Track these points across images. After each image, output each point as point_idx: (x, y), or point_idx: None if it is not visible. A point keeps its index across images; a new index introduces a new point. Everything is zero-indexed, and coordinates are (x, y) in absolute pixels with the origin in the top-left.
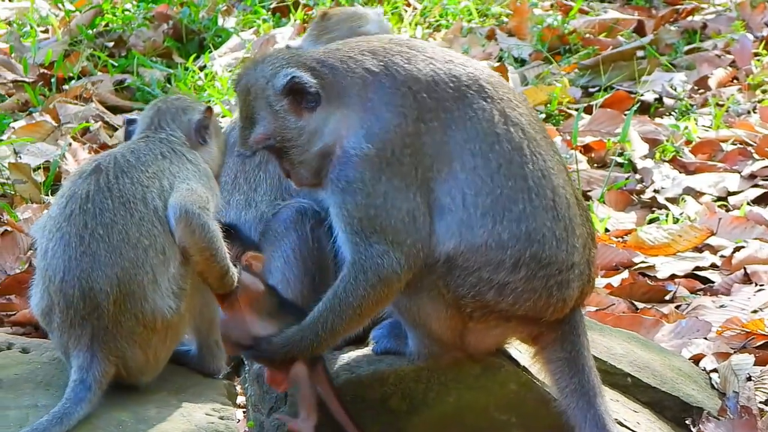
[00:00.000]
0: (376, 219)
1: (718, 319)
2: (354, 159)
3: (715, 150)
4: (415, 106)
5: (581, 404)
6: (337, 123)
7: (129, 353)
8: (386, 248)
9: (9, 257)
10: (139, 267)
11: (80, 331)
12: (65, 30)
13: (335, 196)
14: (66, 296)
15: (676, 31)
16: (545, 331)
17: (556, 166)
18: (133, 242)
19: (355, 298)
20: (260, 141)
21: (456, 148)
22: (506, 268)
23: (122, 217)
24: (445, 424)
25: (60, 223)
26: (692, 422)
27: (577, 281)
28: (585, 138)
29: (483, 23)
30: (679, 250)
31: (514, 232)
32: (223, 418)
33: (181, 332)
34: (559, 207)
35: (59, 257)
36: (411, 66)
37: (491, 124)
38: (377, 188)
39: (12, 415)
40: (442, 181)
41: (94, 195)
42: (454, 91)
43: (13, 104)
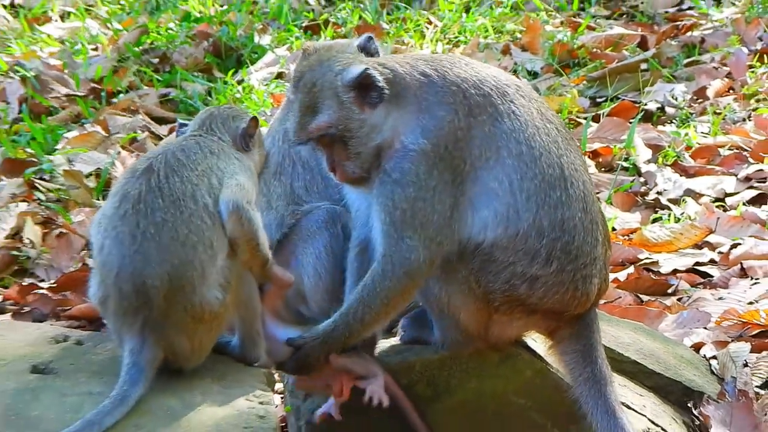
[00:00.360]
0: (420, 212)
1: (716, 310)
2: (411, 153)
3: (713, 155)
4: (465, 103)
5: (593, 392)
6: (395, 120)
7: (176, 341)
8: (416, 245)
9: (64, 257)
10: (188, 263)
11: (132, 319)
12: (114, 48)
13: (383, 187)
14: (120, 290)
15: (677, 46)
16: (563, 326)
17: (582, 165)
18: (182, 240)
19: (382, 289)
20: (322, 128)
21: (503, 138)
22: (540, 260)
23: (172, 216)
24: (467, 408)
25: (114, 222)
26: (694, 405)
27: (597, 277)
28: (593, 144)
29: (498, 39)
30: (681, 247)
31: (551, 219)
32: (263, 403)
33: (225, 322)
34: (587, 200)
35: (114, 255)
36: (458, 69)
37: (531, 117)
38: (428, 182)
39: (68, 402)
40: (490, 168)
41: (146, 195)
42: (497, 89)
43: (66, 116)
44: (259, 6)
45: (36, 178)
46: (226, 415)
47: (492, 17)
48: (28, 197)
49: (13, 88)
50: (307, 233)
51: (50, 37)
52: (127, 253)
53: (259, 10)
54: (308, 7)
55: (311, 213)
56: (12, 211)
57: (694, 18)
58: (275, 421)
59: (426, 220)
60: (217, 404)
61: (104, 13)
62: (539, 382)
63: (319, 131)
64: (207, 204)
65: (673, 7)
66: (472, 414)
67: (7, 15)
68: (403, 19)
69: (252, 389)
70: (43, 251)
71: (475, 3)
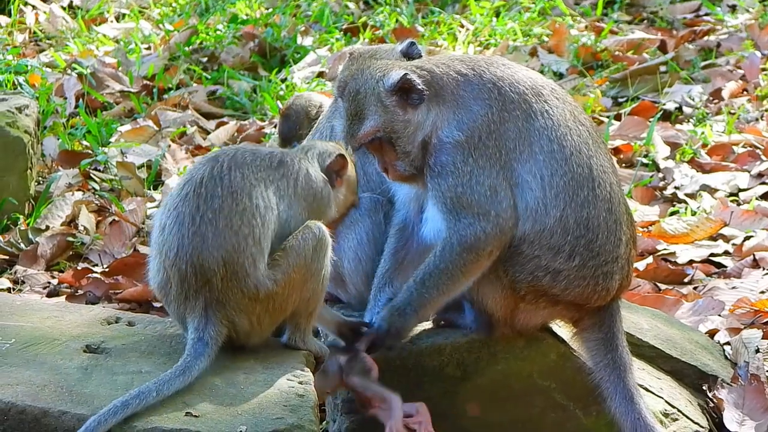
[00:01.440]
0: (464, 196)
1: (730, 298)
2: (447, 146)
3: (727, 152)
4: (500, 99)
5: (613, 378)
6: (435, 117)
7: (237, 320)
8: (472, 220)
9: (116, 243)
10: (240, 252)
11: (194, 302)
12: (165, 47)
13: (432, 182)
14: (180, 271)
15: (694, 49)
16: (586, 316)
17: (611, 167)
18: (236, 229)
19: (446, 265)
20: (370, 133)
21: (535, 134)
22: (563, 255)
23: (228, 206)
24: (494, 389)
25: (176, 203)
26: (708, 388)
27: (618, 274)
28: (615, 141)
29: (526, 42)
30: (697, 239)
31: (577, 218)
32: (302, 383)
33: (285, 305)
34: (613, 201)
35: (174, 234)
36: (494, 69)
37: (564, 118)
38: (464, 169)
39: (119, 380)
40: (523, 161)
41: (207, 181)
42: (532, 88)
43: (120, 111)
44: (302, 9)
45: (91, 169)
46: (267, 394)
47: (520, 21)
48: (84, 187)
49: (70, 84)
50: (349, 220)
51: (106, 36)
52: (186, 234)
53: (302, 13)
54: (348, 11)
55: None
56: (68, 199)
57: (711, 23)
58: (314, 399)
59: (471, 200)
60: (260, 383)
61: (157, 14)
62: (563, 364)
63: (368, 137)
64: (259, 206)
65: (690, 13)
66: (498, 394)
67: (66, 16)
68: (437, 23)
69: (292, 370)
70: (97, 238)
71: (504, 8)
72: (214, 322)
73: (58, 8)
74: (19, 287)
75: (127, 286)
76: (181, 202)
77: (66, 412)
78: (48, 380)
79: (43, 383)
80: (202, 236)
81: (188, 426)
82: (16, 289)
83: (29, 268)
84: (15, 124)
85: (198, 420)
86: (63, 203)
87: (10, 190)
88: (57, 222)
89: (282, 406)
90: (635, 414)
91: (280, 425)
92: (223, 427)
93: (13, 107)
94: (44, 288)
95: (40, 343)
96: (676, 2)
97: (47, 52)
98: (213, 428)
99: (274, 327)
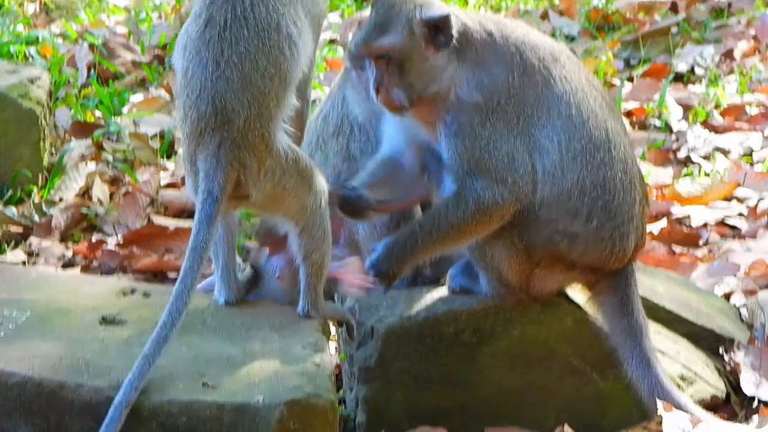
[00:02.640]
0: (481, 160)
1: (745, 260)
2: (465, 106)
3: (740, 113)
4: (521, 64)
5: (629, 343)
6: (453, 71)
7: (248, 163)
8: (489, 183)
9: (131, 214)
10: (267, 94)
11: (209, 139)
12: (176, 16)
13: (447, 139)
14: (198, 110)
15: (705, 10)
16: (601, 280)
17: (623, 129)
18: (262, 71)
19: (457, 221)
20: (386, 48)
21: (554, 99)
22: (581, 218)
23: (255, 47)
24: (511, 354)
25: (199, 47)
26: (725, 350)
27: (633, 234)
28: (627, 104)
29: (537, 5)
30: (710, 200)
31: (593, 179)
32: (318, 352)
33: (282, 194)
34: (627, 161)
35: (197, 78)
36: (519, 33)
37: (580, 83)
38: (482, 132)
39: (136, 352)
40: (541, 126)
41: (232, 23)
42: (551, 54)
43: (132, 81)
44: None
45: (104, 140)
46: (284, 363)
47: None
48: (97, 158)
49: (81, 54)
50: None
51: (116, 6)
52: (210, 77)
53: None
54: None
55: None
56: (81, 170)
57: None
58: (330, 368)
59: (489, 164)
60: (276, 353)
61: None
62: (579, 330)
63: (382, 50)
64: (291, 34)
65: None
66: (515, 360)
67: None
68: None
69: (308, 338)
70: (111, 209)
71: None
72: (224, 164)
73: None
74: (34, 260)
75: (142, 257)
76: (204, 47)
77: (83, 385)
78: (64, 353)
79: (60, 356)
80: (226, 80)
81: (205, 396)
82: (31, 262)
83: (44, 241)
84: (27, 95)
85: (214, 390)
86: (76, 174)
87: (24, 162)
88: (71, 194)
89: (298, 374)
90: (652, 378)
91: (297, 394)
92: (239, 397)
93: (25, 79)
94: (59, 260)
95: (55, 315)
96: None
97: (58, 23)
98: (229, 398)
99: (273, 190)
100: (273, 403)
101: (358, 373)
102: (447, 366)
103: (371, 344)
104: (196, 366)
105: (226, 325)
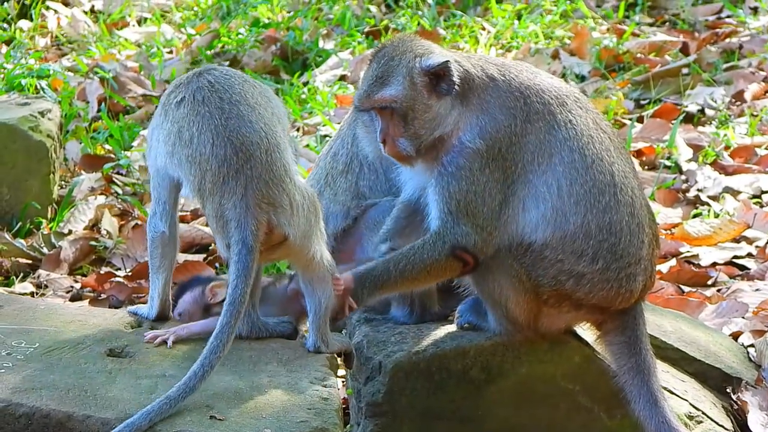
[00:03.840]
0: (471, 204)
1: (753, 300)
2: (467, 150)
3: (750, 154)
4: (525, 110)
5: (637, 382)
6: (458, 116)
7: (278, 199)
8: (470, 230)
9: (139, 247)
10: (274, 124)
11: (234, 183)
12: (187, 51)
13: (441, 178)
14: (217, 157)
15: (716, 51)
16: (609, 319)
17: (632, 172)
18: (263, 105)
19: (429, 257)
20: (386, 100)
21: (557, 145)
22: (586, 259)
23: (244, 90)
24: (519, 392)
25: (197, 109)
26: (732, 390)
27: (641, 275)
28: (637, 144)
29: (548, 45)
30: (720, 241)
31: (599, 223)
32: (326, 386)
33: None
34: (635, 205)
35: (205, 132)
36: (523, 77)
37: (587, 127)
38: (480, 178)
39: (143, 384)
40: (541, 173)
41: (215, 84)
42: (557, 98)
43: (142, 115)
44: (323, 12)
45: (113, 173)
46: (291, 397)
47: (542, 24)
48: (106, 191)
49: (92, 88)
50: (373, 223)
51: (128, 40)
52: (220, 122)
53: (324, 17)
54: (370, 14)
55: (377, 205)
56: (91, 203)
57: (733, 26)
58: (338, 402)
59: (477, 211)
60: (283, 387)
61: (178, 18)
62: (587, 367)
63: (383, 102)
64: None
65: (712, 15)
66: (523, 396)
67: (87, 20)
68: (459, 26)
69: (316, 373)
70: (120, 242)
71: (526, 10)
72: (253, 206)
73: (80, 12)
74: (43, 291)
75: None
76: (201, 106)
77: (90, 416)
78: (72, 384)
79: (67, 387)
80: (237, 117)
81: (212, 429)
82: (40, 294)
83: (52, 273)
84: (38, 128)
85: (222, 423)
86: (86, 207)
87: (33, 194)
88: (80, 226)
89: (306, 409)
90: (660, 417)
91: (304, 428)
92: (247, 430)
93: (36, 111)
94: (67, 292)
95: (63, 347)
96: (697, 4)
97: (69, 56)
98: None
99: (306, 232)
100: None
101: (365, 408)
102: (454, 402)
103: (379, 379)
104: (205, 399)
105: (234, 359)
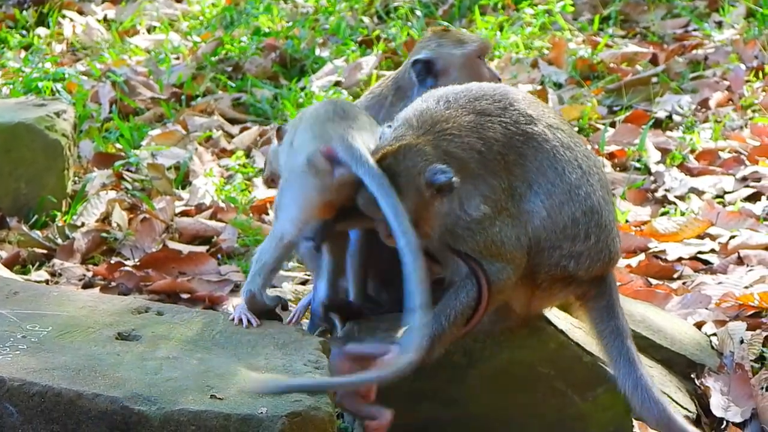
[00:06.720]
0: (493, 245)
1: (716, 293)
2: (476, 219)
3: (714, 157)
4: (505, 167)
5: (616, 343)
6: (460, 194)
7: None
8: (504, 265)
9: (147, 239)
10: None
11: None
12: (193, 57)
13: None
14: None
15: (684, 62)
16: (591, 288)
17: (584, 146)
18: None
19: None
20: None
21: (533, 178)
22: (580, 239)
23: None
24: (498, 375)
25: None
26: (696, 376)
27: (617, 237)
28: (610, 147)
29: (528, 54)
30: (685, 237)
31: (584, 209)
32: (318, 368)
33: None
34: (601, 177)
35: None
36: (494, 134)
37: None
38: (493, 230)
39: (149, 365)
40: (531, 200)
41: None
42: (522, 136)
43: (151, 116)
44: (320, 23)
45: (124, 170)
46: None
47: (523, 35)
48: (117, 186)
49: (105, 91)
50: None
51: (138, 47)
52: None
53: (320, 27)
54: (363, 24)
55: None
56: (102, 198)
57: (699, 38)
58: None
59: (503, 250)
60: (279, 369)
61: (185, 27)
62: (562, 353)
63: None
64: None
65: (680, 28)
66: (502, 381)
67: (101, 28)
68: None
69: (309, 356)
70: (129, 234)
71: (508, 22)
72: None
73: (94, 21)
74: (57, 279)
75: (157, 279)
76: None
77: (99, 395)
78: (82, 365)
79: (78, 368)
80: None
81: (213, 408)
82: (54, 281)
83: (66, 262)
84: (53, 127)
85: (222, 402)
86: (97, 201)
87: (49, 189)
88: (92, 219)
89: None
90: (637, 374)
91: (297, 407)
92: (244, 408)
93: (52, 112)
94: (80, 280)
95: (75, 330)
96: (666, 18)
97: (83, 62)
98: (235, 410)
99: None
100: (275, 414)
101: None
102: (438, 385)
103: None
104: (206, 379)
105: (233, 343)
